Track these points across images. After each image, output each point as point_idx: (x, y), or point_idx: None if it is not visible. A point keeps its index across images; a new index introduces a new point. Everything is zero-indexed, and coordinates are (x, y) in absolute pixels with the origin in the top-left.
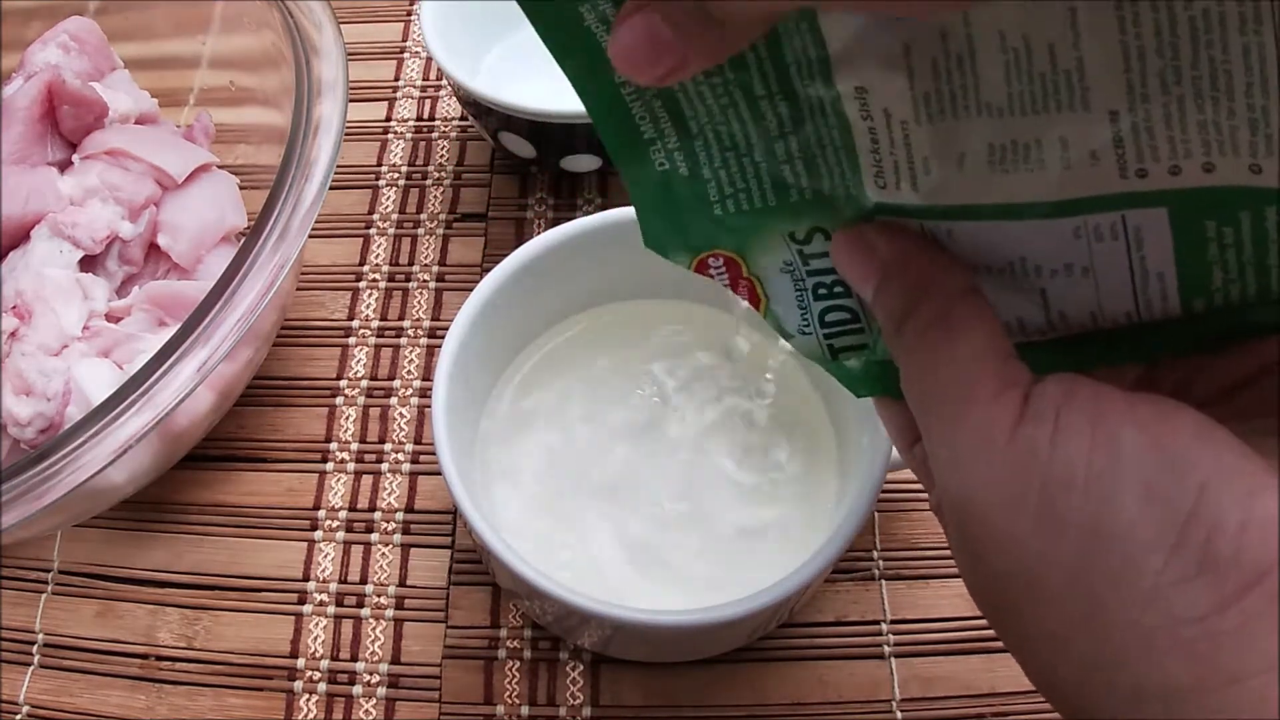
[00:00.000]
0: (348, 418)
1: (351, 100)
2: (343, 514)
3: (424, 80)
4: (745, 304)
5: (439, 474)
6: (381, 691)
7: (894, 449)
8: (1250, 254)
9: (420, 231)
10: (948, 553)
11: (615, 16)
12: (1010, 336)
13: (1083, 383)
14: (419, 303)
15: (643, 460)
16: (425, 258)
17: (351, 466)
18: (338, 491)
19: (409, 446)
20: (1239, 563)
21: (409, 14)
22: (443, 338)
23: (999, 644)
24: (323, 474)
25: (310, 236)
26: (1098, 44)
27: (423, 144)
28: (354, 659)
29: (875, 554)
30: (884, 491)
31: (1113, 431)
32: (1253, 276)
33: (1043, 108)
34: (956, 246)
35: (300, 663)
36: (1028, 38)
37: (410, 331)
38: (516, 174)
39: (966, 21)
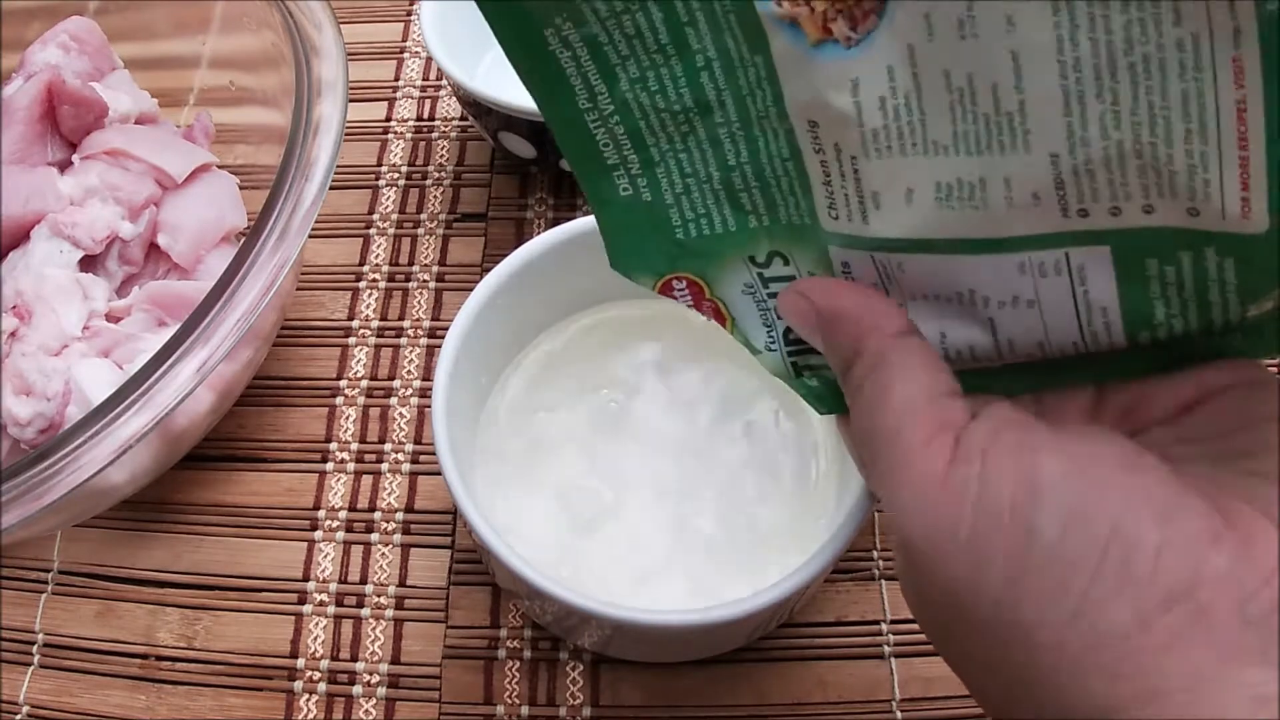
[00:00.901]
0: (348, 418)
1: (351, 100)
2: (343, 514)
3: (424, 80)
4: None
5: (439, 474)
6: (381, 691)
7: None
8: (1191, 291)
9: (420, 231)
10: None
11: (577, 40)
12: (960, 363)
13: (1011, 420)
14: (419, 303)
15: (643, 460)
16: (425, 258)
17: (351, 466)
18: (338, 491)
19: (409, 446)
20: (1158, 582)
21: (409, 14)
22: (443, 338)
23: None
24: (323, 474)
25: (310, 236)
26: (1039, 87)
27: (423, 144)
28: (354, 659)
29: (875, 554)
30: None
31: (1035, 464)
32: (1195, 312)
33: (986, 148)
34: (907, 277)
35: (300, 663)
36: (971, 77)
37: (410, 331)
38: (516, 174)
39: (912, 60)
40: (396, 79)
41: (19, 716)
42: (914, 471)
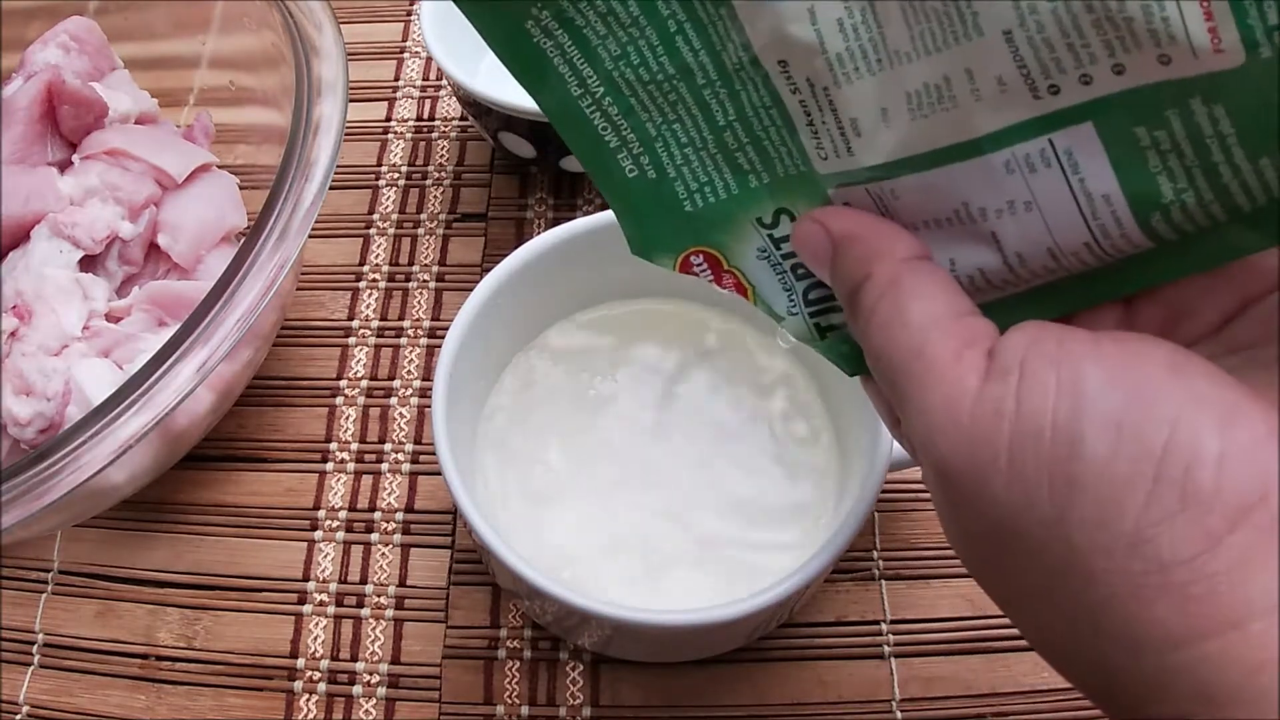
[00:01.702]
0: (348, 418)
1: (351, 100)
2: (343, 514)
3: (424, 80)
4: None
5: (439, 474)
6: (381, 691)
7: (894, 448)
8: (1192, 156)
9: (420, 231)
10: (948, 553)
11: (555, 27)
12: (977, 293)
13: (1047, 329)
14: (419, 303)
15: (643, 460)
16: (425, 258)
17: (351, 466)
18: (338, 491)
19: (409, 446)
20: (1223, 495)
21: (409, 14)
22: (443, 338)
23: (999, 644)
24: (323, 474)
25: (310, 236)
26: None
27: (423, 144)
28: (354, 659)
29: (875, 554)
30: (884, 491)
31: (1076, 374)
32: (1204, 181)
33: (943, 43)
34: (902, 204)
35: (300, 663)
36: None
37: (410, 331)
38: (516, 174)
39: None
40: (396, 79)
41: (19, 716)
42: (944, 389)
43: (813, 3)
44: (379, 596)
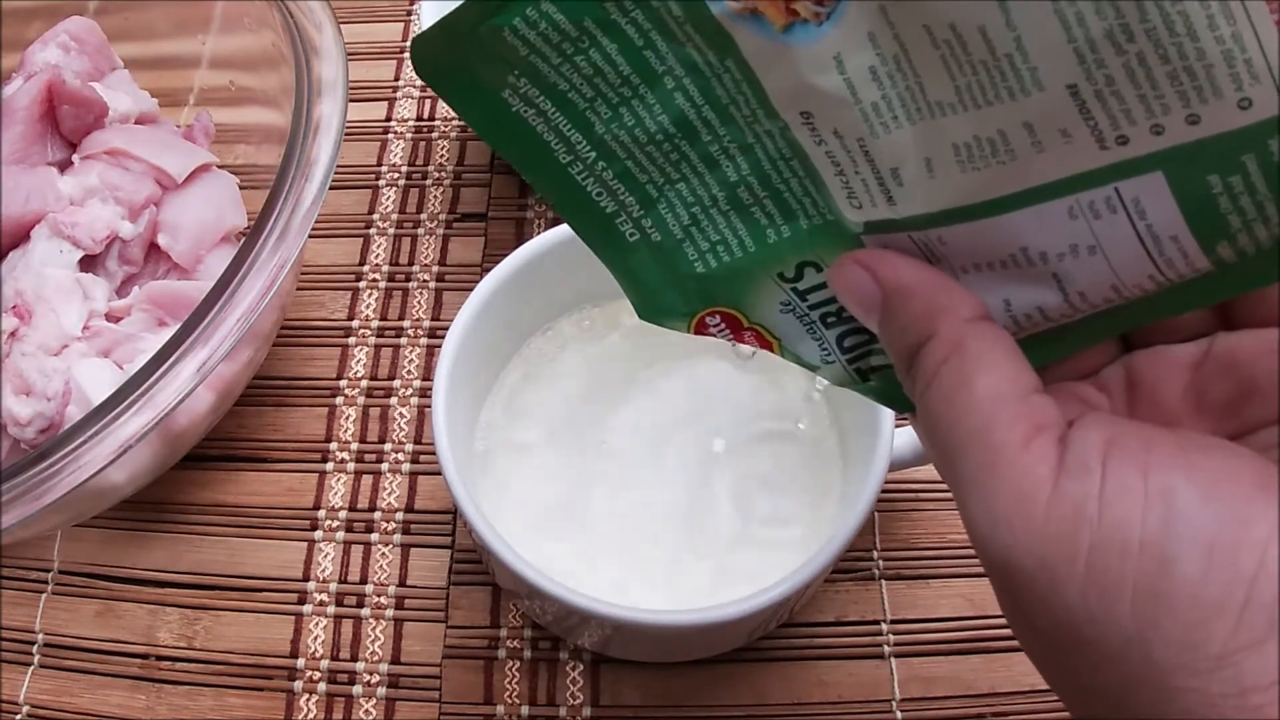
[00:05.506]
0: (348, 418)
1: (351, 100)
2: (343, 514)
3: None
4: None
5: (439, 474)
6: (381, 691)
7: (894, 448)
8: (1265, 190)
9: (420, 231)
10: (948, 553)
11: (537, 95)
12: (1033, 327)
13: (1126, 427)
14: (419, 303)
15: (643, 459)
16: (425, 258)
17: (351, 466)
18: (338, 491)
19: (409, 446)
20: None
21: (409, 14)
22: (443, 338)
23: (999, 644)
24: (323, 474)
25: (310, 236)
26: (1031, 19)
27: (423, 144)
28: (354, 659)
29: (875, 554)
30: (884, 491)
31: (1166, 484)
32: (1274, 209)
33: (994, 97)
34: (951, 250)
35: (300, 663)
36: (955, 26)
37: (410, 331)
38: (516, 174)
39: (889, 22)
40: (396, 79)
41: (19, 716)
42: (1014, 478)
43: (838, 50)
44: (379, 596)
